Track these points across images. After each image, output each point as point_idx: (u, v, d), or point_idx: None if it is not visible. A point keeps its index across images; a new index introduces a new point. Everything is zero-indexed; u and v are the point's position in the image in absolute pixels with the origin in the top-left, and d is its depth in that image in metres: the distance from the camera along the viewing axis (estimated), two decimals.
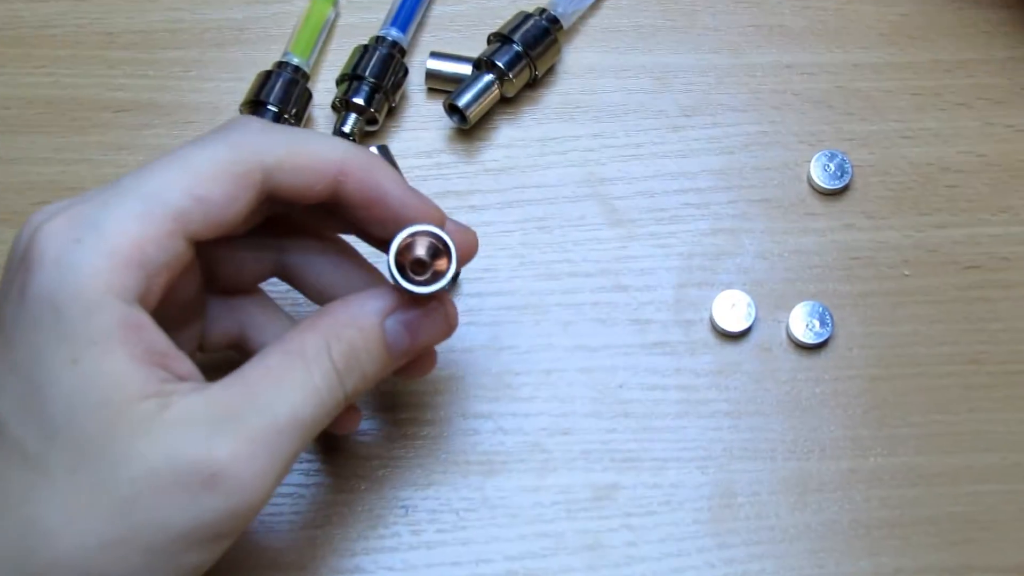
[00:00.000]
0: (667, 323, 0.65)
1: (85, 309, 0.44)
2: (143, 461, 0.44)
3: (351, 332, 0.50)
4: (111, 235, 0.45)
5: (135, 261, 0.45)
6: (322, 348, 0.49)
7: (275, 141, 0.49)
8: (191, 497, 0.45)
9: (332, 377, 0.49)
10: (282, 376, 0.48)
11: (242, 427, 0.46)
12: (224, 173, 0.48)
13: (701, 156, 0.69)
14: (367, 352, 0.50)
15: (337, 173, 0.50)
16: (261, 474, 0.46)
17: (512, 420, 0.63)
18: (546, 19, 0.69)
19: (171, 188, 0.47)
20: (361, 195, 0.51)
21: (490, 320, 0.65)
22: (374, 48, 0.68)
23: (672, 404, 0.63)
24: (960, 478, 0.62)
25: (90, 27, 0.72)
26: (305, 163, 0.50)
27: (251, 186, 0.48)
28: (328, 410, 0.49)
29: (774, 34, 0.72)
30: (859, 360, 0.64)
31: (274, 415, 0.47)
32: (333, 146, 0.51)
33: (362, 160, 0.51)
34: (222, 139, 0.49)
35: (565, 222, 0.67)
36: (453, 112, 0.68)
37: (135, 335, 0.45)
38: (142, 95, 0.70)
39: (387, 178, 0.51)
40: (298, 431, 0.47)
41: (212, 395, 0.46)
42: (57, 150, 0.69)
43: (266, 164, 0.49)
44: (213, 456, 0.45)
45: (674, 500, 0.61)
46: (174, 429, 0.45)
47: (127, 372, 0.45)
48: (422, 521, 0.60)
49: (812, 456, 0.62)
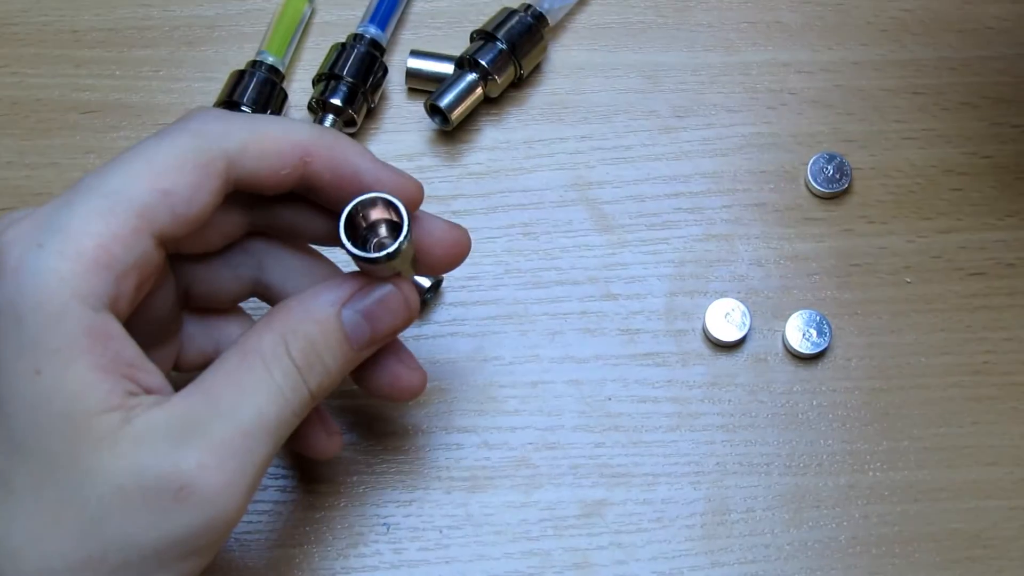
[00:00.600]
0: (658, 333, 0.67)
1: (49, 316, 0.45)
2: (109, 477, 0.45)
3: (307, 326, 0.51)
4: (74, 236, 0.46)
5: (101, 262, 0.46)
6: (279, 346, 0.50)
7: (236, 127, 0.50)
8: (161, 512, 0.46)
9: (293, 375, 0.50)
10: (242, 379, 0.49)
11: (207, 436, 0.47)
12: (187, 164, 0.49)
13: (694, 158, 0.70)
14: (326, 345, 0.51)
15: (303, 154, 0.51)
16: (231, 483, 0.47)
17: (497, 434, 0.64)
18: (532, 16, 0.71)
19: (134, 184, 0.48)
20: (331, 174, 0.52)
21: (474, 330, 0.66)
22: (352, 46, 0.70)
23: (663, 417, 0.65)
24: (963, 493, 0.63)
25: (55, 24, 0.73)
26: (269, 147, 0.51)
27: (215, 175, 0.49)
28: (294, 409, 0.50)
29: (770, 31, 0.74)
30: (858, 371, 0.66)
31: (238, 420, 0.48)
32: (296, 128, 0.52)
33: (328, 139, 0.52)
34: (181, 130, 0.50)
35: (552, 228, 0.69)
36: (435, 113, 0.70)
37: (101, 344, 0.46)
38: (110, 96, 0.72)
39: (356, 153, 0.52)
40: (265, 435, 0.48)
41: (173, 406, 0.47)
42: (21, 153, 0.70)
43: (228, 151, 0.50)
44: (180, 468, 0.46)
45: (665, 517, 0.63)
46: (138, 443, 0.46)
47: (91, 383, 0.46)
48: (404, 539, 0.62)
49: (809, 471, 0.64)
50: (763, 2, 0.75)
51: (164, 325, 0.55)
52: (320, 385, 0.51)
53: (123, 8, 0.74)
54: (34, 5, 0.74)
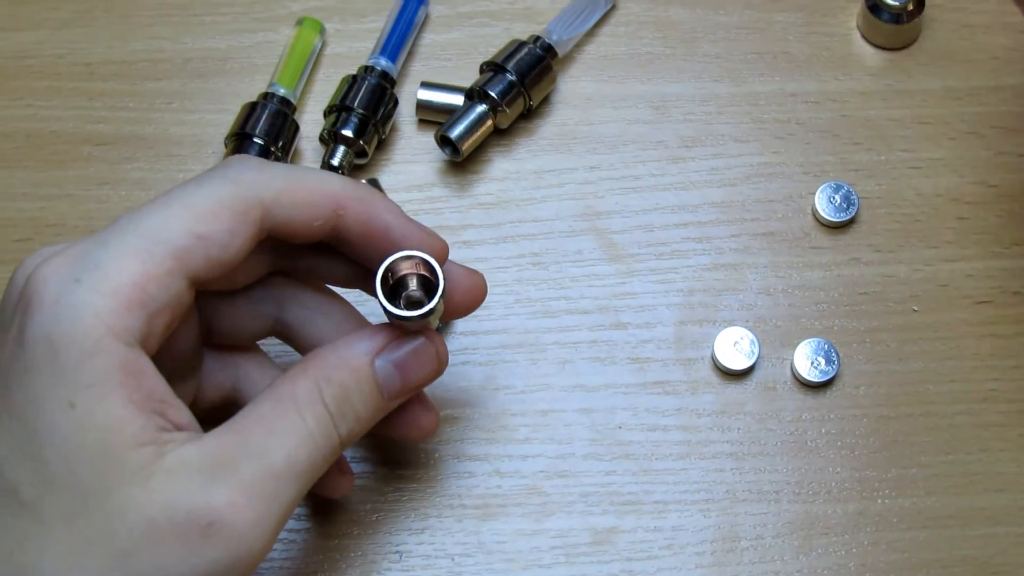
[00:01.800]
0: (668, 362, 0.67)
1: (84, 351, 0.46)
2: (140, 511, 0.46)
3: (342, 374, 0.52)
4: (111, 274, 0.47)
5: (136, 301, 0.47)
6: (313, 392, 0.51)
7: (273, 176, 0.52)
8: (190, 547, 0.47)
9: (326, 421, 0.51)
10: (275, 423, 0.50)
11: (238, 475, 0.48)
12: (224, 210, 0.50)
13: (702, 188, 0.71)
14: (359, 393, 0.52)
15: (335, 207, 0.52)
16: (259, 522, 0.48)
17: (509, 462, 0.65)
18: (541, 47, 0.71)
19: (171, 226, 0.49)
20: (361, 228, 0.53)
21: (485, 359, 0.67)
22: (363, 78, 0.71)
23: (673, 445, 0.65)
24: (972, 520, 0.64)
25: (68, 57, 0.74)
26: (303, 198, 0.52)
27: (251, 223, 0.50)
28: (324, 455, 0.51)
29: (777, 61, 0.75)
30: (866, 399, 0.66)
31: (269, 462, 0.49)
32: (331, 180, 0.53)
33: (361, 193, 0.53)
34: (220, 176, 0.51)
35: (561, 257, 0.69)
36: (445, 144, 0.70)
37: (134, 380, 0.47)
38: (124, 128, 0.72)
39: (387, 210, 0.53)
40: (295, 477, 0.49)
41: (206, 444, 0.48)
42: (36, 185, 0.71)
43: (265, 200, 0.51)
44: (211, 505, 0.47)
45: (676, 544, 0.63)
46: (170, 478, 0.47)
47: (124, 417, 0.47)
48: (416, 567, 0.63)
49: (818, 498, 0.64)
50: (770, 33, 0.75)
51: (186, 361, 0.56)
52: (350, 432, 0.52)
53: (136, 41, 0.75)
54: (48, 38, 0.75)
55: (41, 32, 0.75)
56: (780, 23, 0.75)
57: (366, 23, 0.75)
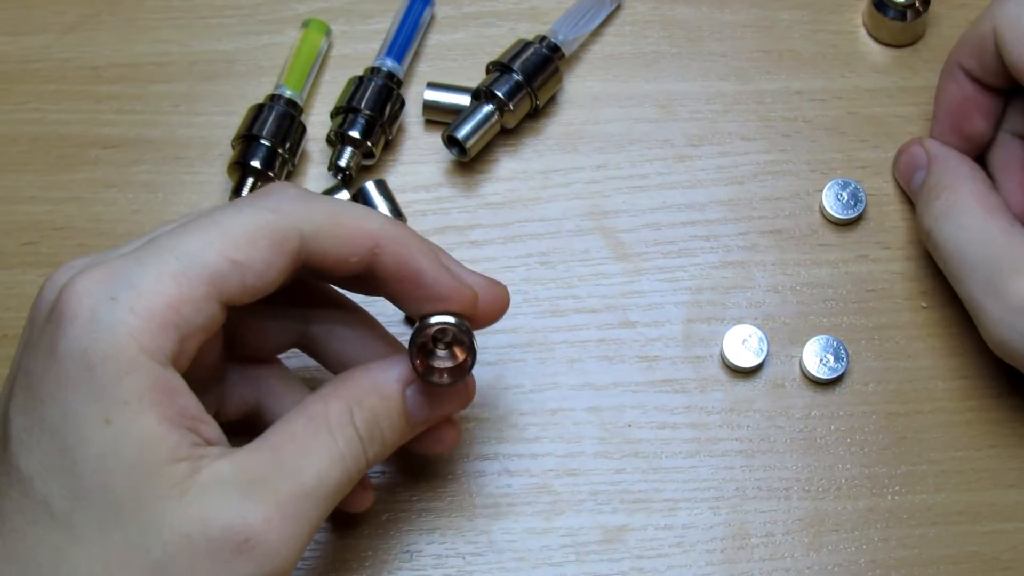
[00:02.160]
0: (676, 360, 0.67)
1: (119, 369, 0.47)
2: (176, 525, 0.47)
3: (373, 399, 0.53)
4: (147, 294, 0.48)
5: (171, 323, 0.48)
6: (345, 415, 0.52)
7: (313, 209, 0.52)
8: (224, 563, 0.47)
9: (356, 444, 0.52)
10: (308, 442, 0.51)
11: (272, 492, 0.49)
12: (262, 239, 0.50)
13: (709, 187, 0.71)
14: (388, 420, 0.53)
15: (373, 246, 0.52)
16: (291, 539, 0.49)
17: (518, 461, 0.65)
18: (547, 47, 0.72)
19: (208, 250, 0.49)
20: (395, 270, 0.53)
21: (494, 359, 0.67)
22: (369, 79, 0.71)
23: (682, 443, 0.65)
24: (981, 516, 0.64)
25: (75, 61, 0.75)
26: (343, 233, 0.52)
27: (288, 253, 0.51)
28: (351, 476, 0.52)
29: (783, 59, 0.75)
30: (875, 395, 0.66)
31: (302, 481, 0.50)
32: (371, 218, 0.53)
33: (399, 234, 0.53)
34: (260, 204, 0.51)
35: (569, 256, 0.70)
36: (452, 144, 0.70)
37: (168, 398, 0.48)
38: (131, 131, 0.73)
39: (423, 253, 0.53)
40: (324, 497, 0.50)
41: (240, 460, 0.49)
42: (44, 188, 0.71)
43: (304, 232, 0.51)
44: (247, 522, 0.48)
45: (686, 541, 0.63)
46: (206, 494, 0.47)
47: (159, 434, 0.47)
48: (427, 566, 0.63)
49: (828, 495, 0.64)
50: (775, 31, 0.75)
51: (211, 373, 0.56)
52: (377, 455, 0.54)
53: (142, 44, 0.75)
54: (55, 42, 0.75)
55: (48, 36, 0.75)
56: (785, 21, 0.76)
57: (372, 24, 0.75)
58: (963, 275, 0.61)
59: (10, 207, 0.71)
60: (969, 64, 0.64)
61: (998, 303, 0.59)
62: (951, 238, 0.62)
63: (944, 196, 0.63)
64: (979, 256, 0.60)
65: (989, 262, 0.60)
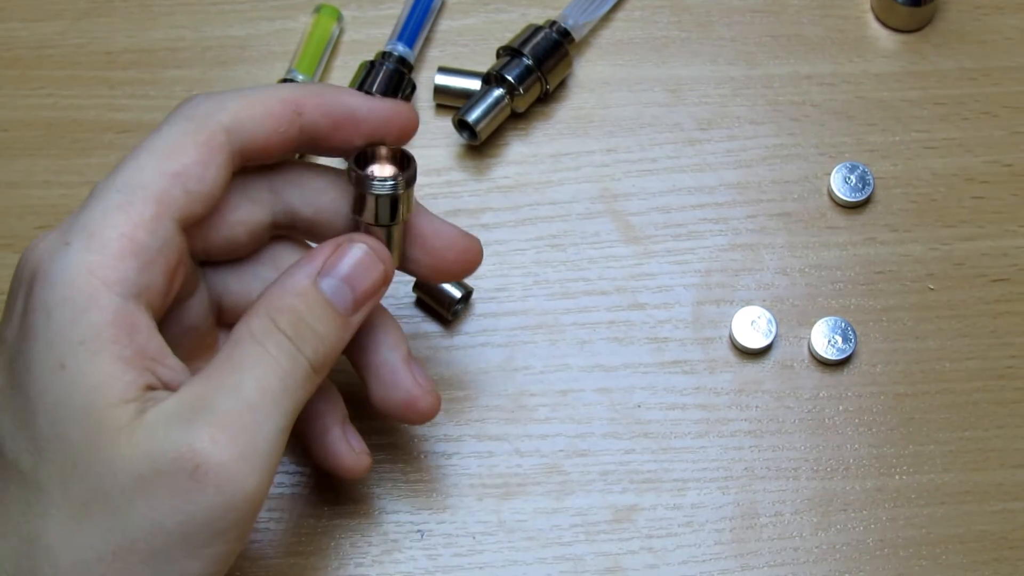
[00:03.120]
0: (685, 341, 0.68)
1: (76, 308, 0.47)
2: (127, 466, 0.47)
3: (289, 300, 0.52)
4: (98, 231, 0.48)
5: (127, 251, 0.48)
6: (267, 323, 0.51)
7: (224, 99, 0.52)
8: (181, 494, 0.47)
9: (286, 345, 0.51)
10: (239, 360, 0.50)
11: (215, 413, 0.48)
12: (189, 143, 0.50)
13: (718, 170, 0.72)
14: (312, 313, 0.52)
15: (295, 108, 0.53)
16: (245, 455, 0.48)
17: (528, 442, 0.66)
18: (557, 32, 0.72)
19: (144, 173, 0.50)
20: (327, 119, 0.53)
21: (504, 340, 0.68)
22: (380, 64, 0.71)
23: (692, 424, 0.66)
24: (989, 496, 0.65)
25: (89, 47, 0.75)
26: (261, 109, 0.52)
27: (217, 148, 0.51)
28: (296, 379, 0.51)
29: (792, 44, 0.75)
30: (883, 377, 0.67)
31: (243, 395, 0.49)
32: (284, 87, 0.54)
33: (316, 88, 0.54)
34: (177, 116, 0.52)
35: (579, 239, 0.70)
36: (463, 128, 0.71)
37: (125, 336, 0.48)
38: (144, 116, 0.73)
39: (346, 94, 0.54)
40: (271, 405, 0.49)
41: (180, 394, 0.49)
42: (58, 173, 0.72)
43: (225, 124, 0.51)
44: (193, 447, 0.47)
45: (695, 521, 0.64)
46: (151, 430, 0.47)
47: (112, 374, 0.47)
48: (438, 545, 0.63)
49: (836, 475, 0.65)
50: (785, 16, 0.76)
51: (200, 338, 0.56)
52: (316, 352, 0.52)
53: (156, 30, 0.76)
54: (69, 28, 0.75)
55: (61, 22, 0.76)
56: (794, 6, 0.76)
57: (383, 10, 0.76)
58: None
59: (24, 191, 0.71)
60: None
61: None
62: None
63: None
64: None
65: None
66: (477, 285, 0.68)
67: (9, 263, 0.66)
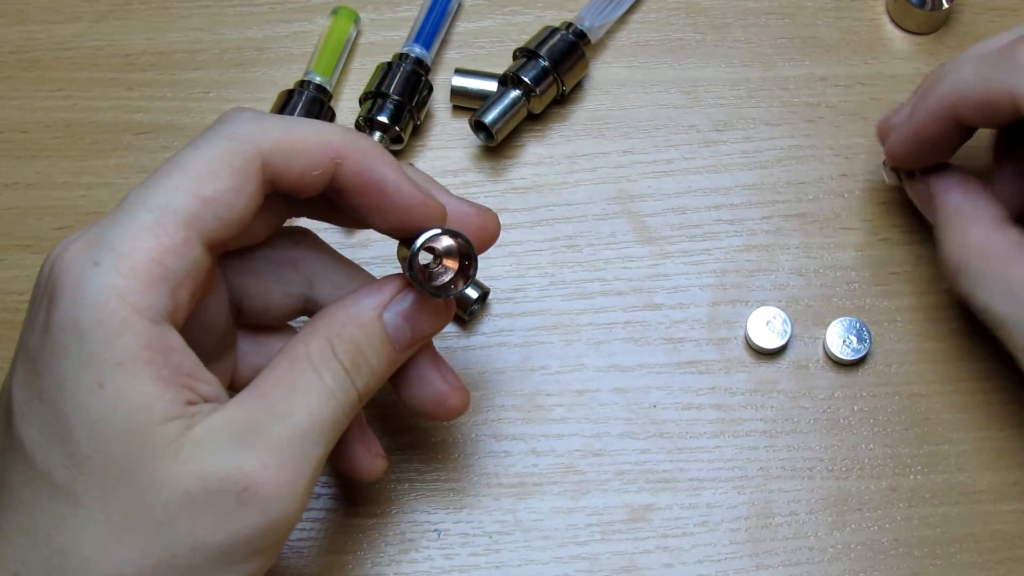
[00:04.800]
0: (701, 341, 0.68)
1: (110, 332, 0.47)
2: (174, 483, 0.47)
3: (352, 330, 0.53)
4: (128, 253, 0.48)
5: (156, 276, 0.48)
6: (327, 350, 0.52)
7: (269, 127, 0.52)
8: (226, 514, 0.48)
9: (342, 377, 0.52)
10: (294, 383, 0.51)
11: (265, 438, 0.49)
12: (225, 168, 0.50)
13: (734, 171, 0.72)
14: (371, 347, 0.53)
15: (334, 156, 0.52)
16: (291, 483, 0.49)
17: (545, 442, 0.66)
18: (573, 34, 0.73)
19: (176, 194, 0.49)
20: (358, 180, 0.53)
21: (521, 341, 0.68)
22: (398, 65, 0.72)
23: (707, 423, 0.66)
24: (1003, 495, 0.65)
25: (107, 49, 0.76)
26: (302, 147, 0.52)
27: (252, 176, 0.50)
28: (345, 410, 0.52)
29: (807, 46, 0.76)
30: (898, 376, 0.67)
31: (295, 422, 0.50)
32: (329, 129, 0.53)
33: (359, 144, 0.53)
34: (216, 135, 0.51)
35: (595, 240, 0.71)
36: (479, 129, 0.72)
37: (162, 356, 0.48)
38: (162, 117, 0.74)
39: (385, 164, 0.53)
40: (320, 435, 0.51)
41: (230, 411, 0.49)
42: (77, 174, 0.72)
43: (263, 151, 0.51)
44: (243, 470, 0.48)
45: (711, 521, 0.64)
46: (200, 448, 0.48)
47: (153, 394, 0.47)
48: (455, 545, 0.64)
49: (851, 475, 0.65)
50: (800, 18, 0.77)
51: (219, 339, 0.56)
52: (367, 385, 0.53)
53: (173, 32, 0.76)
54: (87, 30, 0.76)
55: (80, 24, 0.77)
56: (809, 8, 0.77)
57: (400, 11, 0.77)
58: (1001, 333, 0.59)
59: (43, 192, 0.72)
60: (970, 117, 0.61)
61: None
62: (977, 300, 0.60)
63: (957, 253, 0.60)
64: (1011, 313, 0.58)
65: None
66: (494, 286, 0.68)
67: (29, 264, 0.67)
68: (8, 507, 0.49)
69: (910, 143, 0.63)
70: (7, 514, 0.49)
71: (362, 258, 0.63)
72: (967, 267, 0.59)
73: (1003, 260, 0.58)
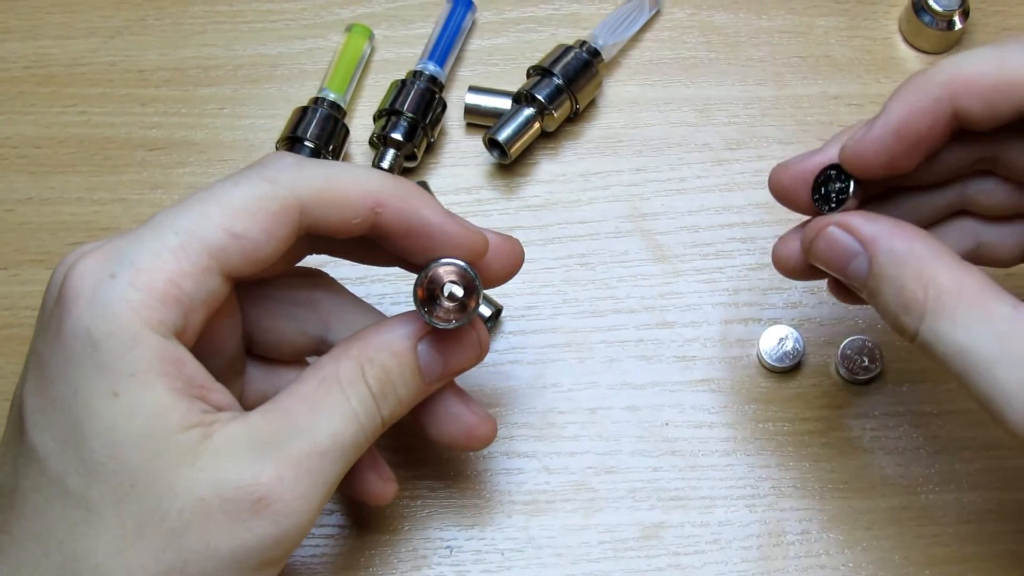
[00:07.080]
0: (713, 360, 0.69)
1: (123, 343, 0.48)
2: (190, 490, 0.48)
3: (384, 356, 0.54)
4: (147, 270, 0.48)
5: (172, 296, 0.49)
6: (357, 373, 0.53)
7: (311, 175, 0.52)
8: (239, 523, 0.49)
9: (369, 402, 0.53)
10: (320, 401, 0.52)
11: (284, 451, 0.50)
12: (261, 210, 0.50)
13: (746, 189, 0.73)
14: (401, 376, 0.54)
15: (374, 205, 0.53)
16: (306, 497, 0.50)
17: (557, 459, 0.67)
18: (587, 52, 0.74)
19: (207, 224, 0.50)
20: (400, 225, 0.53)
21: (533, 358, 0.69)
22: (412, 83, 0.73)
23: (719, 442, 0.67)
24: (1014, 515, 0.65)
25: (121, 64, 0.77)
26: (342, 197, 0.52)
27: (287, 223, 0.51)
28: (367, 434, 0.53)
29: (820, 65, 0.77)
30: (909, 396, 0.68)
31: (315, 439, 0.51)
32: (369, 177, 0.53)
33: (399, 190, 0.53)
34: (258, 175, 0.52)
35: (608, 258, 0.71)
36: (493, 147, 0.72)
37: (174, 368, 0.49)
38: (176, 133, 0.75)
39: (426, 206, 0.54)
40: (339, 455, 0.52)
41: (252, 422, 0.50)
42: (90, 190, 0.73)
43: (303, 200, 0.51)
44: (259, 480, 0.49)
45: (722, 539, 0.65)
46: (218, 457, 0.49)
47: (169, 403, 0.48)
48: (467, 562, 0.65)
49: (862, 493, 0.66)
50: (812, 37, 0.77)
51: (228, 363, 0.57)
52: (392, 414, 0.54)
53: (187, 48, 0.77)
54: (101, 46, 0.77)
55: (94, 40, 0.78)
56: (822, 27, 0.77)
57: (414, 29, 0.78)
58: (978, 377, 0.52)
59: (57, 208, 0.73)
60: (971, 108, 0.54)
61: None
62: (953, 342, 0.52)
63: (925, 294, 0.53)
64: (994, 353, 0.51)
65: (1010, 358, 0.51)
66: (507, 303, 0.69)
67: (42, 279, 0.67)
68: (21, 513, 0.50)
69: (888, 136, 0.55)
70: (20, 520, 0.50)
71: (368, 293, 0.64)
72: (941, 309, 0.52)
73: (981, 298, 0.52)
